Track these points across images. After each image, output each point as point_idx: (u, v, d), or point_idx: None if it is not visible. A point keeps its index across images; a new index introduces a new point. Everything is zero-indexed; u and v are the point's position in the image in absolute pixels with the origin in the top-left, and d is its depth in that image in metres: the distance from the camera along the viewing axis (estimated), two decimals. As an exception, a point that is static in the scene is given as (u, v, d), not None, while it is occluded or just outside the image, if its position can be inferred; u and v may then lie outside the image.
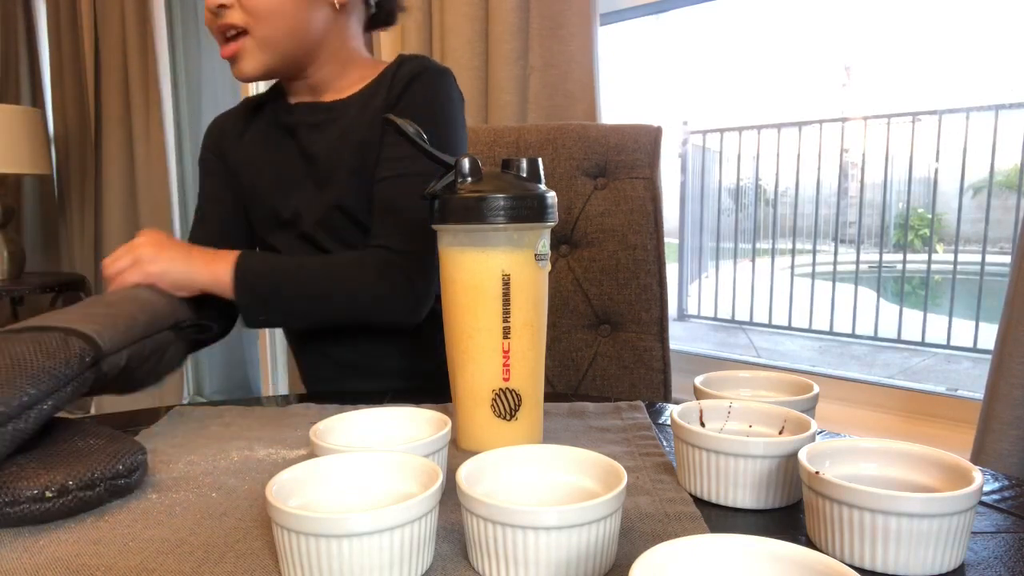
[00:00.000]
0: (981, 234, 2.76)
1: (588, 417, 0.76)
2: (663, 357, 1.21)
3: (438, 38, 1.63)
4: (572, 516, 0.42)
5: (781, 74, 18.45)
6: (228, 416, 0.78)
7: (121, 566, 0.46)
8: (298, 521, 0.41)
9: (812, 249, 3.59)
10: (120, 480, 0.55)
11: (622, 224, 1.21)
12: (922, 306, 2.82)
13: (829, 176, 3.25)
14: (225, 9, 0.87)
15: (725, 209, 3.73)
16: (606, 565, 0.45)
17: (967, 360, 2.84)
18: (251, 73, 0.90)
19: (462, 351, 0.66)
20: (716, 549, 0.37)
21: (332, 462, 0.50)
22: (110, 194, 2.69)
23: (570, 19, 1.48)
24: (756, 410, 0.61)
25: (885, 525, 0.44)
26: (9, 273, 2.59)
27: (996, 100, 2.72)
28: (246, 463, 0.64)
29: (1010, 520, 0.53)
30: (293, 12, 0.88)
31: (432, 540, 0.46)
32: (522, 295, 0.64)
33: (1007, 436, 1.01)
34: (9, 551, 0.48)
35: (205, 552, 0.48)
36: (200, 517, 0.53)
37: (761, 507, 0.54)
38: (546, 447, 0.52)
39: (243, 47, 0.88)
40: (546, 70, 1.51)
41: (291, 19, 0.89)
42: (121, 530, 0.51)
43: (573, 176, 1.22)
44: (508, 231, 0.63)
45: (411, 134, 0.69)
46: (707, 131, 3.44)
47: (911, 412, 1.44)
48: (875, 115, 3.11)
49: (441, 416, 0.60)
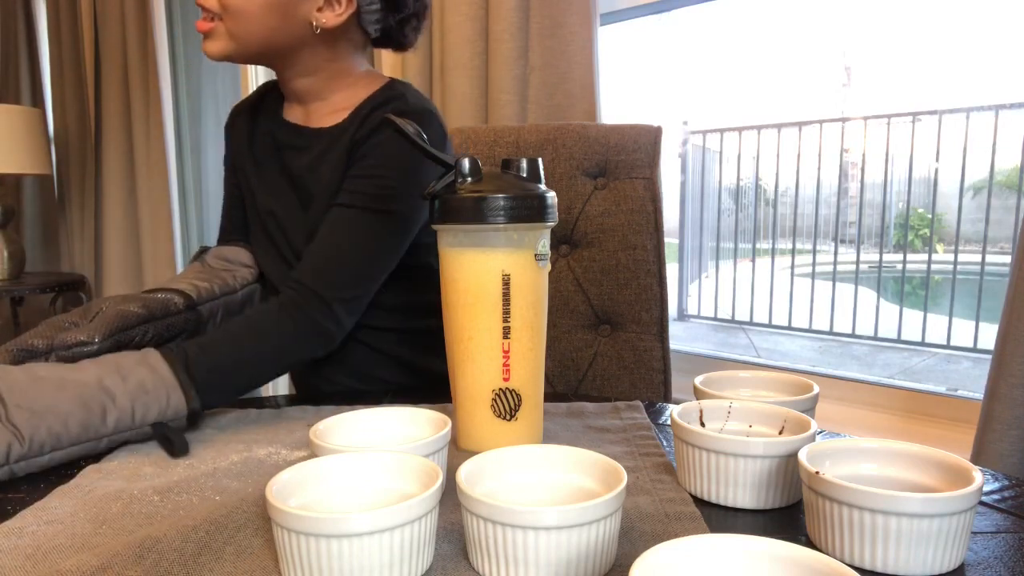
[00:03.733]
0: (981, 234, 2.76)
1: (587, 417, 0.76)
2: (663, 357, 1.21)
3: (438, 38, 1.63)
4: (572, 516, 0.42)
5: (781, 74, 18.43)
6: (222, 419, 0.78)
7: (122, 567, 0.46)
8: (298, 521, 0.41)
9: (812, 249, 3.60)
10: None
11: (622, 224, 1.20)
12: (922, 306, 2.82)
13: (829, 176, 3.25)
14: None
15: (725, 209, 3.74)
16: (606, 565, 0.45)
17: (967, 360, 2.84)
18: (215, 55, 0.90)
19: (462, 351, 0.66)
20: (716, 549, 0.37)
21: (332, 462, 0.50)
22: (110, 194, 2.69)
23: (570, 19, 1.48)
24: (756, 410, 0.61)
25: (885, 525, 0.44)
26: (9, 273, 2.59)
27: (996, 100, 2.72)
28: (246, 464, 0.64)
29: (1010, 520, 0.53)
30: (260, 18, 0.87)
31: (432, 540, 0.46)
32: (522, 295, 0.64)
33: (1007, 436, 1.01)
34: (11, 560, 0.48)
35: (206, 552, 0.48)
36: (202, 518, 0.53)
37: (761, 507, 0.54)
38: (546, 447, 0.52)
39: (215, 29, 0.89)
40: (546, 70, 1.51)
41: (257, 23, 0.87)
42: (124, 536, 0.51)
43: (573, 176, 1.22)
44: (508, 231, 0.63)
45: (411, 134, 0.69)
46: (707, 131, 3.44)
47: (911, 412, 1.44)
48: (875, 115, 3.11)
49: (441, 416, 0.60)
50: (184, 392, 0.71)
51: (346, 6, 0.89)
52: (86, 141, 2.83)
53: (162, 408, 0.70)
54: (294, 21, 0.88)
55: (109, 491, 0.58)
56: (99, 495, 0.58)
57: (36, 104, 3.01)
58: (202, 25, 0.89)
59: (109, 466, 0.64)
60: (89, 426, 0.66)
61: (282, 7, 0.87)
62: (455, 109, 1.60)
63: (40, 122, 2.62)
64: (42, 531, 0.52)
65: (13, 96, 3.02)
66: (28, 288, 2.54)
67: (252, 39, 0.89)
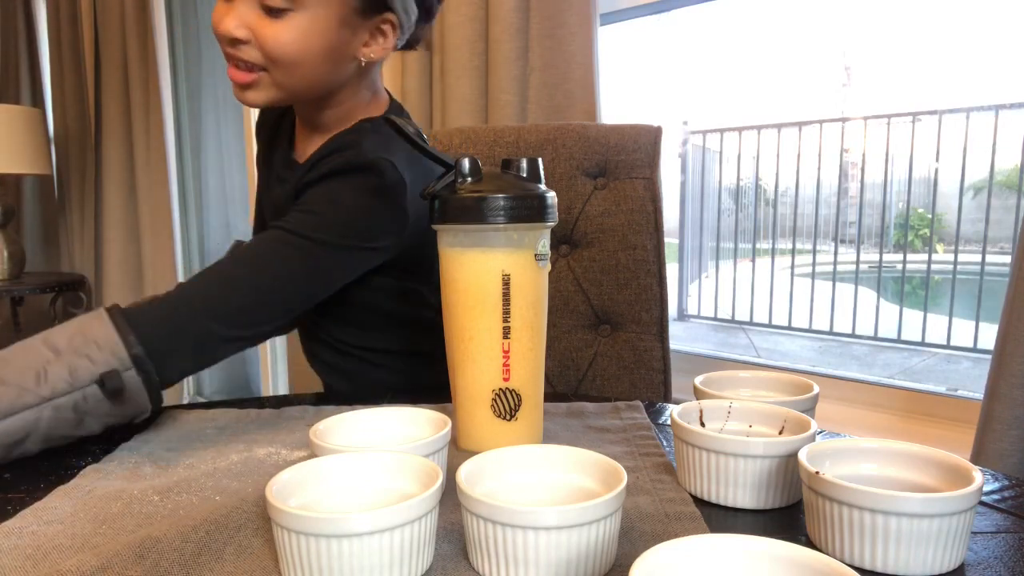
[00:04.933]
0: (981, 234, 2.76)
1: (587, 417, 0.76)
2: (663, 357, 1.21)
3: (438, 38, 1.63)
4: (572, 516, 0.42)
5: (781, 74, 18.45)
6: (222, 420, 0.77)
7: (122, 567, 0.46)
8: (298, 521, 0.41)
9: (812, 249, 3.60)
10: None
11: (622, 224, 1.20)
12: (922, 306, 2.82)
13: (829, 176, 3.25)
14: (240, 44, 0.79)
15: (725, 209, 3.74)
16: (606, 565, 0.45)
17: (967, 360, 2.84)
18: (258, 104, 0.85)
19: (462, 351, 0.66)
20: (716, 549, 0.37)
21: (332, 462, 0.50)
22: (110, 194, 2.69)
23: (570, 19, 1.48)
24: (756, 410, 0.61)
25: (885, 525, 0.44)
26: (9, 273, 2.59)
27: (996, 100, 2.72)
28: (246, 464, 0.64)
29: (1010, 520, 0.53)
30: (314, 66, 0.82)
31: (432, 540, 0.46)
32: (522, 295, 0.64)
33: (1007, 436, 1.01)
34: (11, 560, 0.48)
35: (206, 552, 0.48)
36: (202, 518, 0.53)
37: (761, 507, 0.54)
38: (546, 447, 0.52)
39: (259, 80, 0.82)
40: (546, 70, 1.51)
41: (310, 71, 0.82)
42: (124, 536, 0.51)
43: (573, 176, 1.22)
44: (508, 231, 0.63)
45: (411, 134, 0.69)
46: (707, 131, 3.44)
47: (911, 412, 1.44)
48: (875, 115, 3.11)
49: (441, 416, 0.60)
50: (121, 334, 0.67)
51: (391, 35, 0.85)
52: (86, 141, 2.83)
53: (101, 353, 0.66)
54: (343, 61, 0.84)
55: (109, 491, 0.58)
56: (99, 495, 0.58)
57: (36, 104, 3.01)
58: (242, 76, 0.81)
59: (109, 466, 0.64)
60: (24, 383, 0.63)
61: (334, 52, 0.82)
62: (455, 109, 1.60)
63: (40, 122, 2.62)
64: (42, 531, 0.52)
65: (13, 96, 3.02)
66: (28, 288, 2.55)
67: (301, 86, 0.83)
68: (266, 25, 0.78)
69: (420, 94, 1.71)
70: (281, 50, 0.79)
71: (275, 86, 0.82)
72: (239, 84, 0.82)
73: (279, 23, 0.78)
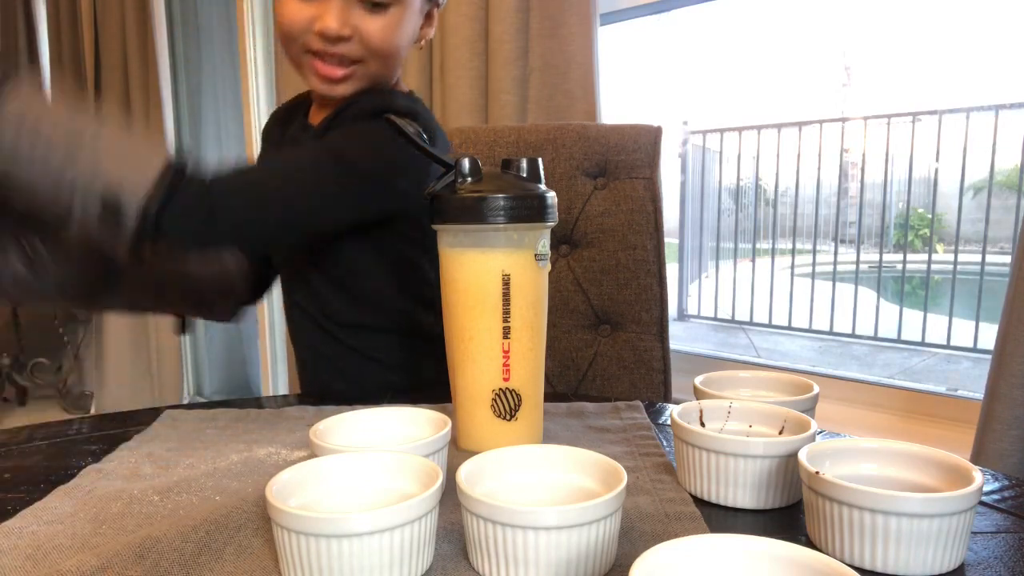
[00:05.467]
0: (981, 234, 2.76)
1: (587, 417, 0.76)
2: (663, 357, 1.21)
3: (438, 38, 1.63)
4: (572, 516, 0.42)
5: (781, 74, 18.44)
6: (222, 420, 0.77)
7: (122, 567, 0.46)
8: (298, 521, 0.41)
9: (812, 249, 3.60)
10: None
11: (622, 224, 1.20)
12: (922, 306, 2.82)
13: (829, 176, 3.25)
14: (344, 41, 0.84)
15: (725, 209, 3.74)
16: (606, 565, 0.45)
17: (967, 360, 2.84)
18: (346, 96, 0.88)
19: (462, 351, 0.66)
20: (716, 549, 0.37)
21: (332, 462, 0.50)
22: (110, 194, 2.69)
23: (570, 19, 1.48)
24: (756, 410, 0.61)
25: (885, 525, 0.44)
26: (9, 273, 2.59)
27: (996, 100, 2.72)
28: (246, 464, 0.64)
29: (1010, 520, 0.53)
30: (402, 53, 0.89)
31: (432, 540, 0.46)
32: (522, 295, 0.64)
33: (1007, 436, 1.01)
34: (11, 560, 0.48)
35: (206, 552, 0.48)
36: (202, 518, 0.53)
37: (761, 507, 0.54)
38: (546, 447, 0.52)
39: (354, 74, 0.86)
40: (546, 70, 1.51)
41: (399, 59, 0.89)
42: (124, 536, 0.51)
43: (573, 176, 1.22)
44: (508, 231, 0.63)
45: (411, 134, 0.69)
46: (707, 131, 3.44)
47: (911, 412, 1.44)
48: (875, 115, 3.11)
49: (441, 416, 0.60)
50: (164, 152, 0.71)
51: (436, 18, 0.92)
52: (86, 141, 2.83)
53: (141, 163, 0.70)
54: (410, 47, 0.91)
55: (109, 491, 0.58)
56: (99, 495, 0.58)
57: (36, 104, 3.01)
58: (337, 72, 0.85)
59: (109, 466, 0.64)
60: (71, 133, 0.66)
61: (413, 39, 0.89)
62: (455, 109, 1.60)
63: (40, 122, 2.61)
64: (42, 531, 0.52)
65: (13, 96, 3.01)
66: (28, 288, 2.54)
67: (387, 74, 0.89)
68: (369, 21, 0.84)
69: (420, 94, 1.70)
70: (386, 44, 0.85)
71: (367, 77, 0.87)
72: (333, 79, 0.86)
73: (381, 18, 0.84)
